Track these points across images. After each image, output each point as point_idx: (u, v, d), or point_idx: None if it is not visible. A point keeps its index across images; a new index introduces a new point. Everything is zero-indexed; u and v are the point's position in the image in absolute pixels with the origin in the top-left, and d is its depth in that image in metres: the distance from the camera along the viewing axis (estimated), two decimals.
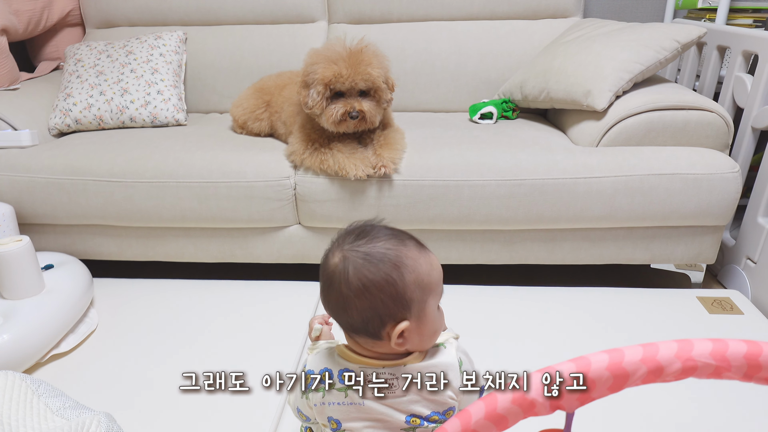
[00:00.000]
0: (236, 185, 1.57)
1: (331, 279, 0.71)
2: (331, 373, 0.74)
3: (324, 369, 0.75)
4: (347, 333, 0.76)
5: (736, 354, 0.49)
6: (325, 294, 0.73)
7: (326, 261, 0.72)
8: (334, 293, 0.71)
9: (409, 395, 0.73)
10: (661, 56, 1.59)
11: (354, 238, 0.72)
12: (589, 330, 1.43)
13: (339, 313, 0.73)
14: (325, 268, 0.72)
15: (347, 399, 0.74)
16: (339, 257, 0.71)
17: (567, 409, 0.52)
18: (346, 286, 0.69)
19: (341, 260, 0.70)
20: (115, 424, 1.07)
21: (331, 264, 0.71)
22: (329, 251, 0.73)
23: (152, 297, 1.61)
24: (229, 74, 2.11)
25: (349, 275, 0.69)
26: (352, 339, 0.75)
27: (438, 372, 0.73)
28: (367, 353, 0.75)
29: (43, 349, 1.32)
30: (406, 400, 0.73)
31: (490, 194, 1.53)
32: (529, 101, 1.84)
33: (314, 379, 0.74)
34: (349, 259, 0.70)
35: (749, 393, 1.19)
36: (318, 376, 0.74)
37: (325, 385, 0.74)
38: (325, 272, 0.72)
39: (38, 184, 1.61)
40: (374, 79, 1.45)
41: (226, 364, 1.32)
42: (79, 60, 1.95)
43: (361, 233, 0.73)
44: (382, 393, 0.73)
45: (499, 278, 1.77)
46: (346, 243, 0.72)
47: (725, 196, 1.51)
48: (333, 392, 0.74)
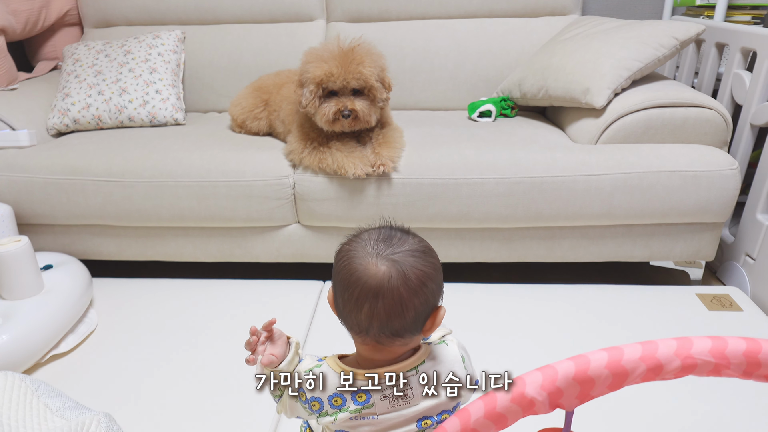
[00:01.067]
0: (235, 184, 1.57)
1: (381, 289, 0.67)
2: (344, 399, 0.72)
3: (335, 395, 0.72)
4: (376, 341, 0.71)
5: (736, 351, 0.48)
6: (370, 306, 0.68)
7: (368, 274, 0.68)
8: (387, 301, 0.68)
9: (424, 402, 0.73)
10: (659, 53, 1.59)
11: (384, 244, 0.70)
12: (588, 327, 1.44)
13: (391, 319, 0.68)
14: (370, 281, 0.67)
15: (361, 415, 0.72)
16: (386, 265, 0.68)
17: (566, 407, 0.52)
18: (405, 288, 0.68)
19: (391, 266, 0.68)
20: (114, 424, 1.07)
21: (378, 274, 0.67)
22: (364, 265, 0.68)
23: (152, 297, 1.61)
24: (228, 73, 2.11)
25: (408, 276, 0.68)
26: (377, 345, 0.71)
27: (447, 371, 0.74)
28: (381, 360, 0.72)
29: (43, 350, 1.32)
30: (420, 406, 0.73)
31: (489, 192, 1.53)
32: (527, 99, 1.84)
33: (328, 405, 0.72)
34: (399, 262, 0.68)
35: (749, 391, 1.19)
36: (334, 409, 0.72)
37: (339, 410, 0.72)
38: (369, 286, 0.67)
39: (37, 184, 1.61)
40: (366, 78, 1.44)
41: (226, 364, 1.32)
42: (77, 60, 1.94)
43: (387, 238, 0.71)
44: (399, 405, 0.72)
45: (498, 276, 1.77)
46: (380, 251, 0.69)
47: (724, 193, 1.51)
48: (346, 413, 0.72)
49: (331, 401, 0.72)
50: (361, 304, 0.68)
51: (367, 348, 0.73)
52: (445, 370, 0.74)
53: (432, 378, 0.72)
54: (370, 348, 0.72)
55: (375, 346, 0.72)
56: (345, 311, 0.70)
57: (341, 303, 0.70)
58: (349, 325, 0.71)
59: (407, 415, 0.73)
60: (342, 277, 0.69)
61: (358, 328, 0.70)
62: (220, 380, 1.26)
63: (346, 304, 0.69)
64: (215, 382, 1.26)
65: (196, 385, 1.26)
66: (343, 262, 0.70)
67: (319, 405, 0.73)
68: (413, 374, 0.72)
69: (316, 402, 0.73)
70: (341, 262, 0.70)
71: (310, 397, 0.73)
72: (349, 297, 0.69)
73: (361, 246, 0.70)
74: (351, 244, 0.71)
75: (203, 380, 1.27)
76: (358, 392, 0.71)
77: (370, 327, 0.69)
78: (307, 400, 0.73)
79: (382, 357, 0.73)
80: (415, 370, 0.72)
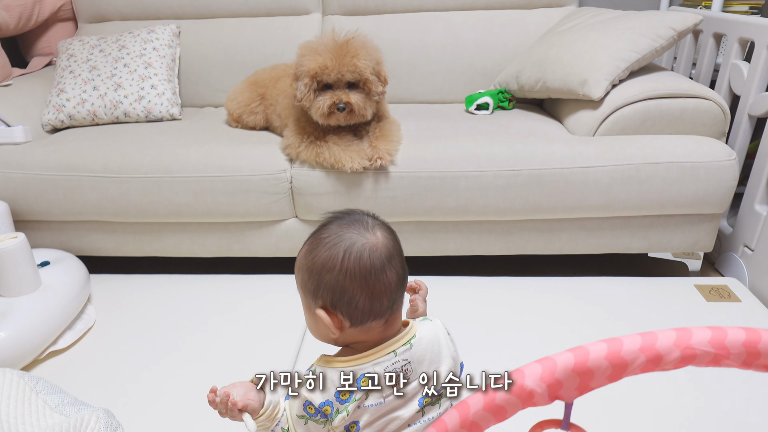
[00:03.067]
0: (232, 179, 1.57)
1: (389, 250, 0.71)
2: (351, 389, 0.71)
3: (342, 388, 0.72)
4: (393, 312, 0.73)
5: (735, 342, 0.48)
6: (395, 271, 0.71)
7: (377, 246, 0.70)
8: (399, 257, 0.72)
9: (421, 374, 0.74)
10: (657, 44, 1.58)
11: (359, 221, 0.73)
12: (587, 319, 1.44)
13: (405, 270, 0.73)
14: (382, 250, 0.70)
15: (368, 401, 0.72)
16: (378, 231, 0.72)
17: (566, 399, 0.52)
18: (395, 237, 0.73)
19: (380, 227, 0.72)
20: (113, 419, 1.07)
21: (381, 240, 0.71)
22: (367, 245, 0.70)
23: (149, 293, 1.60)
24: (224, 68, 2.10)
25: (390, 228, 0.74)
26: (392, 317, 0.73)
27: (436, 339, 0.76)
28: (386, 337, 0.73)
29: (41, 346, 1.32)
30: (417, 384, 0.74)
31: (487, 185, 1.53)
32: (525, 91, 1.83)
33: (338, 403, 0.71)
34: (380, 225, 0.73)
35: (748, 380, 1.19)
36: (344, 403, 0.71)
37: (349, 402, 0.71)
38: (383, 254, 0.70)
39: (33, 180, 1.60)
40: (361, 71, 1.43)
41: (224, 359, 1.32)
42: (71, 55, 1.93)
43: (354, 218, 0.74)
44: (402, 385, 0.72)
45: (496, 269, 1.77)
46: (366, 225, 0.72)
47: (722, 184, 1.51)
48: (356, 402, 0.71)
49: (338, 396, 0.71)
50: (389, 275, 0.70)
51: (385, 327, 0.73)
52: (433, 336, 0.76)
53: (425, 353, 0.74)
54: (387, 326, 0.73)
55: (390, 320, 0.73)
56: (374, 299, 0.69)
57: (365, 297, 0.69)
58: (376, 312, 0.70)
59: (409, 394, 0.73)
60: (358, 271, 0.69)
61: (387, 303, 0.71)
62: (219, 375, 1.26)
63: (375, 288, 0.69)
64: (213, 378, 1.26)
65: (194, 380, 1.25)
66: (347, 259, 0.69)
67: (330, 408, 0.71)
68: (407, 348, 0.73)
69: (327, 407, 0.71)
70: (346, 261, 0.69)
71: (319, 404, 0.71)
72: (376, 278, 0.69)
73: (348, 235, 0.71)
74: (334, 243, 0.70)
75: (201, 375, 1.27)
76: (362, 377, 0.71)
77: (397, 294, 0.71)
78: (317, 410, 0.71)
79: (392, 330, 0.74)
80: (409, 345, 0.73)
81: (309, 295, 0.73)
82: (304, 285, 0.73)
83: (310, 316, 0.74)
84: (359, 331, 0.72)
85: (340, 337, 0.73)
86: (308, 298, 0.73)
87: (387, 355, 0.72)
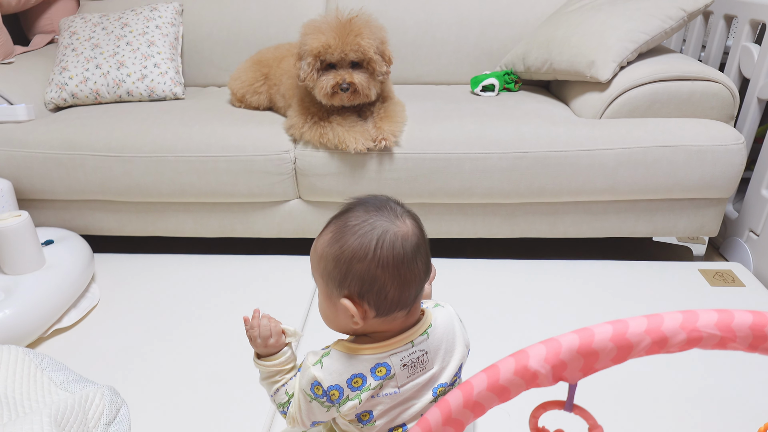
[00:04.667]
0: (236, 159, 1.56)
1: (417, 239, 0.70)
2: (365, 377, 0.70)
3: (354, 375, 0.70)
4: (415, 302, 0.72)
5: (742, 324, 0.48)
6: (423, 260, 0.70)
7: (406, 235, 0.68)
8: (425, 246, 0.71)
9: (436, 364, 0.74)
10: (666, 25, 1.56)
11: (387, 208, 0.71)
12: (591, 302, 1.44)
13: (430, 258, 0.72)
14: (411, 239, 0.68)
15: (383, 391, 0.71)
16: (407, 219, 0.70)
17: (570, 380, 0.52)
18: (421, 225, 0.72)
19: (408, 216, 0.71)
20: (118, 396, 1.08)
21: (409, 228, 0.69)
22: (397, 233, 0.68)
23: (153, 272, 1.61)
24: (227, 46, 2.08)
25: (421, 225, 0.72)
26: (413, 306, 0.72)
27: (451, 326, 0.76)
28: (407, 325, 0.73)
29: (46, 324, 1.32)
30: (435, 369, 0.74)
31: (492, 167, 1.52)
32: (531, 73, 1.81)
33: (348, 389, 0.71)
34: (407, 212, 0.71)
35: (754, 364, 1.19)
36: (355, 391, 0.70)
37: (361, 390, 0.70)
38: (412, 243, 0.68)
39: (36, 159, 1.60)
40: (364, 50, 1.41)
41: (227, 338, 1.32)
42: (73, 33, 1.91)
43: (381, 204, 0.71)
44: (417, 371, 0.72)
45: (500, 252, 1.77)
46: (395, 212, 0.70)
47: (729, 168, 1.50)
48: (369, 391, 0.71)
49: (350, 383, 0.70)
50: (419, 264, 0.69)
51: (404, 319, 0.72)
52: (449, 325, 0.76)
53: (441, 341, 0.74)
54: (407, 316, 0.72)
55: (412, 309, 0.72)
56: (404, 288, 0.68)
57: (395, 286, 0.68)
58: (404, 302, 0.69)
59: (422, 383, 0.73)
60: (391, 260, 0.67)
61: (415, 293, 0.70)
62: (222, 354, 1.27)
63: (406, 277, 0.68)
64: (217, 356, 1.27)
65: (197, 358, 1.26)
66: (380, 247, 0.67)
67: (339, 393, 0.70)
68: (425, 339, 0.73)
69: (334, 391, 0.70)
70: (378, 250, 0.67)
71: (327, 387, 0.70)
72: (408, 267, 0.68)
73: (378, 223, 0.68)
74: (364, 232, 0.67)
75: (204, 353, 1.27)
76: (377, 366, 0.70)
77: (423, 283, 0.71)
78: (324, 392, 0.70)
79: (413, 319, 0.73)
80: (426, 335, 0.73)
81: (332, 284, 0.69)
82: (329, 274, 0.70)
83: (330, 305, 0.72)
84: (382, 322, 0.71)
85: (360, 328, 0.71)
86: (330, 287, 0.70)
87: (404, 345, 0.72)
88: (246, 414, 1.10)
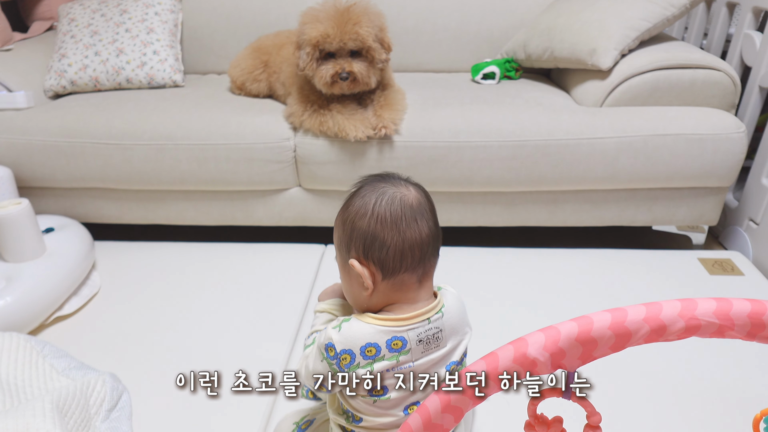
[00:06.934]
0: (236, 147, 1.56)
1: (421, 205, 0.73)
2: (379, 347, 0.71)
3: (369, 344, 0.71)
4: (425, 271, 0.74)
5: (740, 313, 0.48)
6: (427, 224, 0.72)
7: (408, 200, 0.72)
8: (430, 214, 0.74)
9: (450, 342, 0.75)
10: (668, 13, 1.55)
11: (391, 178, 0.76)
12: (590, 291, 1.44)
13: (438, 229, 0.75)
14: (414, 204, 0.72)
15: (399, 363, 0.72)
16: (411, 187, 0.74)
17: (568, 368, 0.52)
18: (428, 197, 0.75)
19: (414, 187, 0.74)
20: (119, 383, 1.09)
21: (411, 194, 0.73)
22: (399, 197, 0.72)
23: (153, 259, 1.61)
24: (227, 34, 2.07)
25: (425, 191, 0.76)
26: (424, 277, 0.74)
27: (459, 308, 0.78)
28: (420, 299, 0.74)
29: (47, 311, 1.33)
30: (448, 347, 0.75)
31: (492, 156, 1.51)
32: (532, 61, 1.80)
33: (361, 356, 0.71)
34: (414, 185, 0.75)
35: (751, 351, 1.20)
36: (367, 359, 0.71)
37: (374, 360, 0.71)
38: (414, 208, 0.72)
39: (35, 146, 1.60)
40: (363, 38, 1.41)
41: (227, 325, 1.33)
42: (72, 19, 1.90)
43: (384, 176, 0.77)
44: (431, 348, 0.73)
45: (500, 240, 1.77)
46: (398, 182, 0.75)
47: (730, 157, 1.50)
48: (382, 362, 0.72)
49: (363, 352, 0.71)
50: (421, 225, 0.72)
51: (417, 286, 0.74)
52: (458, 306, 0.78)
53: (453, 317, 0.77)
54: (419, 285, 0.74)
55: (422, 281, 0.74)
56: (405, 245, 0.71)
57: (396, 242, 0.71)
58: (408, 261, 0.72)
59: (437, 359, 0.74)
60: (389, 214, 0.71)
61: (419, 254, 0.72)
62: (222, 341, 1.28)
63: (406, 233, 0.71)
64: (216, 343, 1.27)
65: (197, 345, 1.27)
66: (379, 204, 0.71)
67: (350, 358, 0.71)
68: (440, 317, 0.74)
69: (346, 355, 0.71)
70: (377, 206, 0.71)
71: (340, 350, 0.71)
72: (407, 223, 0.71)
73: (381, 187, 0.73)
74: (367, 194, 0.73)
75: (205, 341, 1.28)
76: (394, 339, 0.71)
77: (429, 248, 0.73)
78: (336, 354, 0.72)
79: (425, 295, 0.75)
80: (441, 313, 0.75)
81: (344, 249, 0.74)
82: (339, 240, 0.75)
83: (345, 275, 0.76)
84: (392, 287, 0.73)
85: (374, 297, 0.74)
86: (343, 254, 0.75)
87: (421, 322, 0.73)
88: (247, 398, 1.11)
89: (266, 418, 1.07)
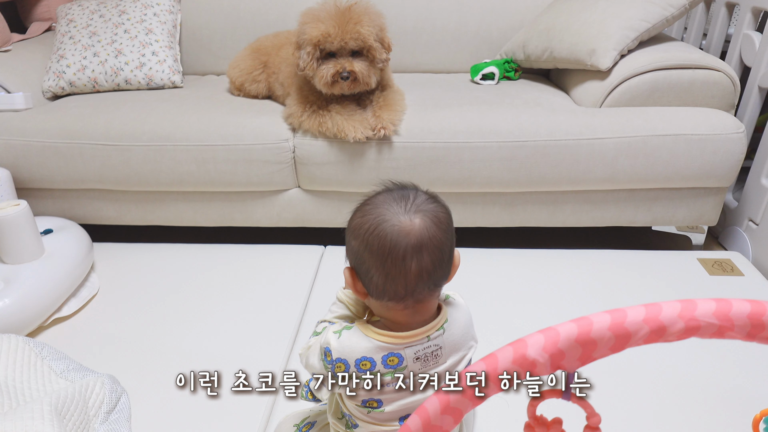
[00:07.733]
0: (234, 148, 1.55)
1: (422, 241, 0.67)
2: (374, 362, 0.71)
3: (364, 358, 0.71)
4: (416, 301, 0.70)
5: (740, 314, 0.48)
6: (418, 262, 0.67)
7: (406, 231, 0.67)
8: (431, 251, 0.68)
9: (450, 359, 0.75)
10: (668, 13, 1.55)
11: (404, 200, 0.69)
12: (590, 292, 1.44)
13: (436, 269, 0.69)
14: (411, 238, 0.67)
15: (392, 381, 0.71)
16: (418, 217, 0.68)
17: (568, 369, 0.52)
18: (440, 232, 0.69)
19: (423, 216, 0.68)
20: (118, 385, 1.08)
21: (416, 228, 0.67)
22: (398, 226, 0.67)
23: (152, 261, 1.61)
24: (225, 34, 2.07)
25: (439, 219, 0.69)
26: (416, 306, 0.71)
27: (465, 323, 0.77)
28: (416, 323, 0.72)
29: (46, 313, 1.32)
30: (447, 364, 0.75)
31: (492, 156, 1.51)
32: (531, 61, 1.80)
33: (355, 369, 0.71)
34: (427, 211, 0.69)
35: (750, 352, 1.20)
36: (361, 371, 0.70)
37: (368, 374, 0.71)
38: (411, 242, 0.66)
39: (34, 148, 1.59)
40: (364, 38, 1.41)
41: (226, 326, 1.32)
42: (71, 20, 1.90)
43: (402, 195, 0.70)
44: (429, 365, 0.73)
45: (499, 241, 1.77)
46: (407, 207, 0.69)
47: (729, 157, 1.50)
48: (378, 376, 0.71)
49: (358, 365, 0.71)
50: (408, 264, 0.67)
51: (406, 313, 0.71)
52: (464, 321, 0.77)
53: (457, 338, 0.75)
54: (409, 312, 0.71)
55: (414, 308, 0.71)
56: (388, 281, 0.68)
57: (380, 275, 0.68)
58: (391, 294, 0.69)
59: None
60: (377, 248, 0.67)
61: (404, 291, 0.68)
62: (221, 343, 1.27)
63: (390, 271, 0.67)
64: (215, 345, 1.27)
65: (196, 347, 1.26)
66: (371, 232, 0.67)
67: (345, 367, 0.71)
68: (440, 334, 0.73)
69: (341, 364, 0.71)
70: (369, 234, 0.67)
71: (335, 357, 0.72)
72: (393, 262, 0.67)
73: (384, 210, 0.68)
74: (369, 213, 0.69)
75: (204, 342, 1.28)
76: (390, 356, 0.71)
77: (417, 286, 0.68)
78: (331, 360, 0.72)
79: (420, 319, 0.73)
80: (442, 330, 0.73)
81: (346, 251, 0.74)
82: (345, 240, 0.74)
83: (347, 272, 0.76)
84: (381, 307, 0.72)
85: (370, 303, 0.74)
86: (346, 254, 0.74)
87: (420, 339, 0.72)
88: (247, 400, 1.11)
89: (266, 418, 1.06)
